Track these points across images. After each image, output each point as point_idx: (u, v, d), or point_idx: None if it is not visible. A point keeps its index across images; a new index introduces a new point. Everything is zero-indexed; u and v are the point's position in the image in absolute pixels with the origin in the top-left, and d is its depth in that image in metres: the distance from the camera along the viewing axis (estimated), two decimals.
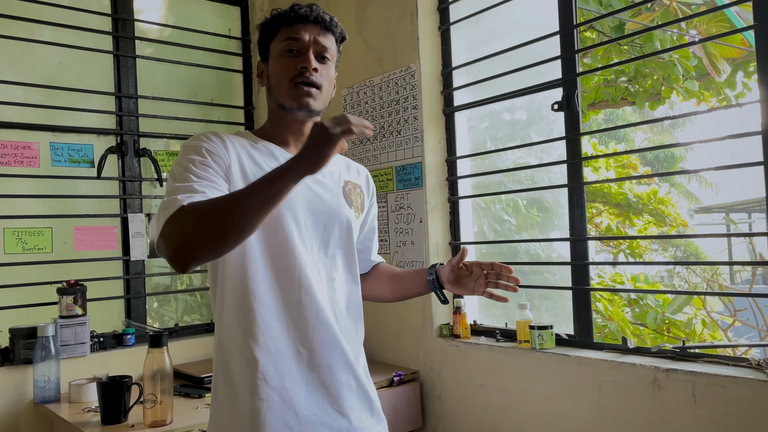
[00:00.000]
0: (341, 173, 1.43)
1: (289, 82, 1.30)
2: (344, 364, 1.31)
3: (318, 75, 1.31)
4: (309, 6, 1.34)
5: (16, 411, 2.27)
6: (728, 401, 1.67)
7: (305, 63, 1.29)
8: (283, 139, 1.37)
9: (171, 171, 1.23)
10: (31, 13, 2.51)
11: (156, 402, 1.89)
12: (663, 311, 4.01)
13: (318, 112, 1.35)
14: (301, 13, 1.32)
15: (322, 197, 1.34)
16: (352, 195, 1.42)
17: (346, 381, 1.31)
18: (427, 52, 2.60)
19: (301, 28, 1.32)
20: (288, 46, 1.31)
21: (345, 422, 1.29)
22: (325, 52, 1.33)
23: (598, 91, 5.12)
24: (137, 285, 2.74)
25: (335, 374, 1.30)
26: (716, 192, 12.26)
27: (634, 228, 5.47)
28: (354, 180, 1.46)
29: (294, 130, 1.36)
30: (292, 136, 1.37)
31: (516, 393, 2.21)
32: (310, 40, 1.31)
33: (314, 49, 1.32)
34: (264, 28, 1.37)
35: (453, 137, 2.62)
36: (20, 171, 2.47)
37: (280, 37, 1.33)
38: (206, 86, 3.05)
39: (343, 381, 1.31)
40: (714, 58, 3.79)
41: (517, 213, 2.85)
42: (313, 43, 1.32)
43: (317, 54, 1.32)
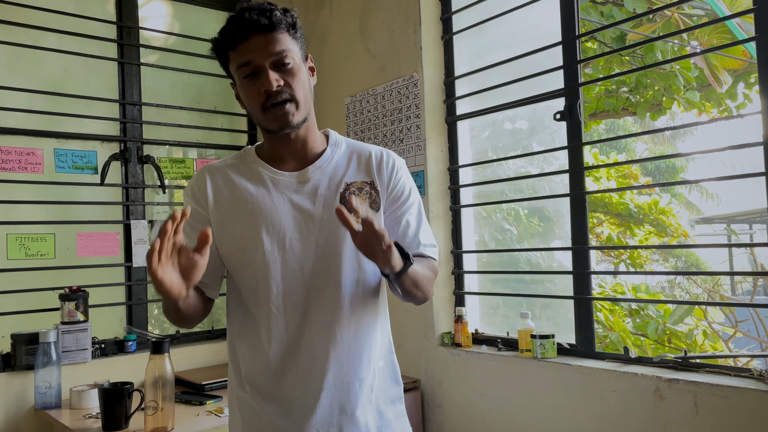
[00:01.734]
0: (344, 176, 1.34)
1: (260, 110, 1.25)
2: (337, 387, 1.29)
3: (286, 88, 1.24)
4: (242, 13, 1.22)
5: (17, 417, 2.27)
6: (730, 411, 1.67)
7: (266, 86, 1.22)
8: (279, 156, 1.34)
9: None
10: (36, 20, 2.53)
11: (157, 409, 1.88)
12: (664, 322, 4.01)
13: (304, 119, 1.29)
14: (238, 33, 1.22)
15: (311, 214, 1.29)
16: (355, 199, 1.33)
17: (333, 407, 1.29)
18: (430, 62, 2.62)
19: (246, 47, 1.22)
20: (244, 73, 1.24)
21: None
22: (282, 57, 1.23)
23: (599, 101, 5.13)
24: (139, 292, 2.74)
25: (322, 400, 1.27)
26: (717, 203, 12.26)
27: (635, 238, 5.47)
28: (361, 179, 1.35)
29: (286, 144, 1.32)
30: (286, 150, 1.33)
31: (517, 402, 2.21)
32: (261, 55, 1.22)
33: (270, 62, 1.23)
34: (216, 54, 1.31)
35: (455, 146, 2.63)
36: (24, 177, 2.47)
37: (233, 63, 1.27)
38: (209, 94, 3.07)
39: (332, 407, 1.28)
40: (715, 69, 3.80)
41: (519, 222, 2.86)
42: (264, 57, 1.22)
43: (275, 64, 1.23)
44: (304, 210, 1.30)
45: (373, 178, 1.35)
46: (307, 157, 1.34)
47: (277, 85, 1.22)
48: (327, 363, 1.27)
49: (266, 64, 1.22)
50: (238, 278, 1.32)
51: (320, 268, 1.28)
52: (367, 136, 2.83)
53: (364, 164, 1.37)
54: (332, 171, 1.34)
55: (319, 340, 1.27)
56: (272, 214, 1.28)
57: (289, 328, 1.27)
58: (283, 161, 1.34)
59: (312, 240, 1.28)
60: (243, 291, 1.31)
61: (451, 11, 2.63)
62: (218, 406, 2.16)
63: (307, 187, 1.31)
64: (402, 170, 1.40)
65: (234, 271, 1.32)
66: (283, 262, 1.27)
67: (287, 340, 1.27)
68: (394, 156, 1.41)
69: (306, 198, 1.30)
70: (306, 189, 1.31)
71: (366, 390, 1.31)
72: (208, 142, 3.01)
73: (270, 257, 1.27)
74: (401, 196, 1.38)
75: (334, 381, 1.28)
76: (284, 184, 1.31)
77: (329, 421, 1.28)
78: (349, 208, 1.28)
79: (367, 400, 1.32)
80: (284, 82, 1.23)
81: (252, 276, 1.29)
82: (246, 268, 1.29)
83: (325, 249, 1.28)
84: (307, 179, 1.31)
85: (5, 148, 2.43)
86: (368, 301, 1.33)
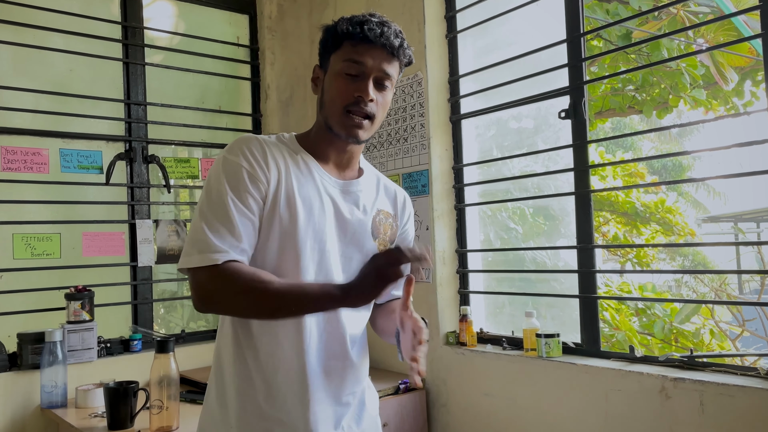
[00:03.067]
0: (375, 202, 1.37)
1: (342, 108, 1.24)
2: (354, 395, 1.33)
3: (373, 105, 1.24)
4: (381, 25, 1.24)
5: (23, 416, 2.28)
6: (736, 411, 1.66)
7: (362, 93, 1.23)
8: (325, 155, 1.32)
9: (208, 183, 1.22)
10: (41, 20, 2.54)
11: (162, 407, 1.89)
12: (671, 321, 3.99)
13: (365, 141, 1.31)
14: (369, 36, 1.22)
15: (345, 226, 1.30)
16: (381, 226, 1.37)
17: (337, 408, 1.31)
18: (435, 60, 2.61)
19: (366, 51, 1.23)
20: (349, 69, 1.23)
21: None
22: (387, 80, 1.26)
23: (605, 99, 5.11)
24: (144, 291, 2.75)
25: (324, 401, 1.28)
26: (724, 201, 12.20)
27: (642, 237, 5.45)
28: (387, 209, 1.40)
29: (339, 151, 1.32)
30: (334, 154, 1.32)
31: (522, 402, 2.20)
32: (373, 66, 1.23)
33: (375, 76, 1.24)
34: (328, 35, 1.28)
35: (460, 145, 2.62)
36: (30, 177, 2.48)
37: (342, 54, 1.24)
38: (214, 93, 3.07)
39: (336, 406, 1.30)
40: (721, 67, 3.78)
41: (524, 221, 2.85)
42: (375, 69, 1.23)
43: (377, 81, 1.25)
44: (343, 219, 1.30)
45: (396, 213, 1.43)
46: (347, 171, 1.36)
47: (371, 98, 1.23)
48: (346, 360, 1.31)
49: (372, 75, 1.24)
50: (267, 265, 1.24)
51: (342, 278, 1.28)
52: (371, 135, 2.82)
53: (391, 198, 1.43)
54: (367, 192, 1.37)
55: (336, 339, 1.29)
56: (319, 214, 1.26)
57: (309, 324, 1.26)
58: (327, 162, 1.33)
59: (341, 250, 1.30)
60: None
61: (455, 9, 2.63)
62: None
63: (349, 199, 1.32)
64: (412, 216, 1.51)
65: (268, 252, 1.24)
66: (320, 263, 1.26)
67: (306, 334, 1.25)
68: (410, 200, 1.51)
69: (346, 208, 1.31)
70: (347, 200, 1.32)
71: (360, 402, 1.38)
72: (212, 141, 3.01)
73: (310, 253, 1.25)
74: (407, 240, 1.48)
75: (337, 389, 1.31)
76: (330, 188, 1.30)
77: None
78: (376, 233, 1.35)
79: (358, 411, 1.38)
80: (375, 100, 1.25)
81: (284, 265, 1.24)
82: (280, 257, 1.24)
83: (348, 264, 1.31)
84: (349, 191, 1.33)
85: (11, 148, 2.44)
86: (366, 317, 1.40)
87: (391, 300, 1.46)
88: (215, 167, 1.23)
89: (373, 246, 1.33)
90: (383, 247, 1.35)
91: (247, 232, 1.18)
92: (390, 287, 1.10)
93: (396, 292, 1.44)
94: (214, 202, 1.19)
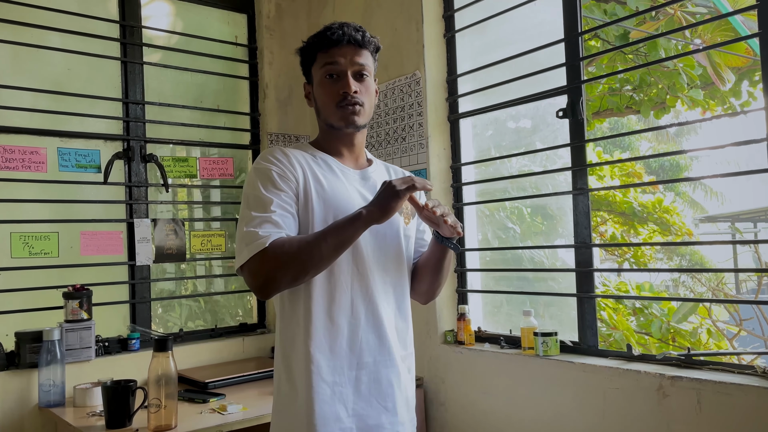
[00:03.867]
0: None
1: (334, 107, 1.43)
2: (390, 363, 1.43)
3: (359, 95, 1.42)
4: (341, 27, 1.43)
5: (21, 415, 2.28)
6: (734, 409, 1.66)
7: (345, 88, 1.41)
8: (337, 150, 1.50)
9: (245, 194, 1.39)
10: (40, 19, 2.54)
11: (160, 406, 1.89)
12: (668, 320, 4.00)
13: (365, 125, 1.48)
14: (334, 39, 1.42)
15: None
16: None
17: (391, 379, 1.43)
18: (433, 60, 2.62)
19: (337, 52, 1.42)
20: (327, 72, 1.43)
21: (388, 417, 1.42)
22: (363, 69, 1.44)
23: (602, 99, 5.12)
24: (142, 290, 2.75)
25: (381, 372, 1.42)
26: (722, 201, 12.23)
27: (639, 237, 5.46)
28: None
29: (346, 143, 1.50)
30: (344, 147, 1.50)
31: (520, 400, 2.21)
32: (347, 62, 1.42)
33: (352, 71, 1.42)
34: (302, 54, 1.49)
35: (458, 144, 2.63)
36: (28, 176, 2.48)
37: (319, 63, 1.45)
38: (212, 93, 3.07)
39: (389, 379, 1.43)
40: (718, 67, 3.79)
41: (522, 221, 2.85)
42: (349, 64, 1.42)
43: (355, 74, 1.43)
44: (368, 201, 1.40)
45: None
46: (359, 160, 1.54)
47: (354, 90, 1.41)
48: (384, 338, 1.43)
49: (349, 72, 1.42)
50: None
51: (377, 256, 1.44)
52: (370, 134, 2.83)
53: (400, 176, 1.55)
54: (381, 176, 1.54)
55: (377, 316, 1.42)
56: (348, 200, 1.41)
57: (354, 303, 1.40)
58: (341, 155, 1.50)
59: (374, 230, 1.39)
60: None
61: (453, 9, 2.63)
62: (221, 403, 2.16)
63: (369, 184, 1.50)
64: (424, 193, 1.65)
65: None
66: (354, 244, 1.37)
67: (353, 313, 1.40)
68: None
69: (369, 192, 1.46)
70: (367, 186, 1.49)
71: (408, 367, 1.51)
72: (210, 140, 3.01)
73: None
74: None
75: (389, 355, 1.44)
76: (351, 177, 1.48)
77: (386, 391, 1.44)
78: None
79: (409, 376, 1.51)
80: (359, 90, 1.43)
81: None
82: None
83: (383, 240, 1.46)
84: (367, 177, 1.51)
85: (9, 147, 2.44)
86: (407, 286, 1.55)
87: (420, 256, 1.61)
88: (248, 178, 1.41)
89: (398, 219, 1.48)
90: (407, 220, 1.53)
91: (288, 223, 1.34)
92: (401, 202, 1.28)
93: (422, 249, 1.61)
94: (252, 204, 1.35)
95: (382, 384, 1.42)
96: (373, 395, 1.42)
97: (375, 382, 1.42)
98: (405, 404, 1.48)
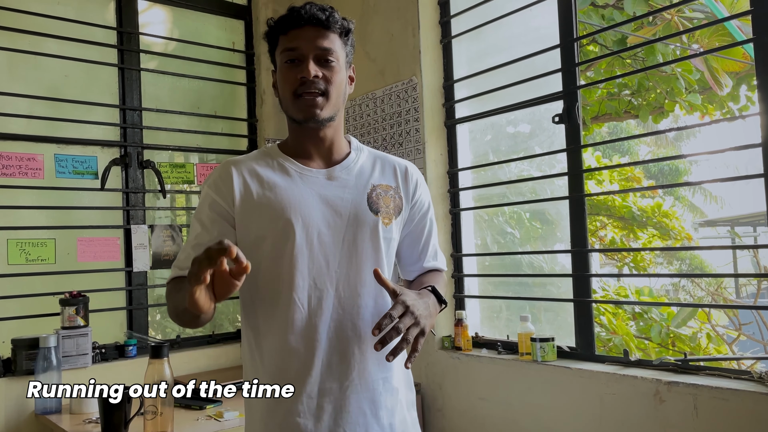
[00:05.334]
0: (370, 179, 1.36)
1: (292, 95, 1.27)
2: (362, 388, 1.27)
3: (321, 81, 1.26)
4: (303, 6, 1.26)
5: (18, 422, 2.27)
6: (730, 414, 1.66)
7: (304, 73, 1.24)
8: (305, 151, 1.34)
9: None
10: (37, 26, 2.55)
11: (156, 413, 1.88)
12: (667, 325, 3.99)
13: (329, 118, 1.30)
14: (295, 19, 1.26)
15: (339, 210, 1.30)
16: (381, 200, 1.34)
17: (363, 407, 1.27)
18: (429, 65, 2.62)
19: (297, 35, 1.26)
20: (288, 57, 1.27)
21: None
22: (328, 54, 1.27)
23: (601, 104, 5.13)
24: (139, 296, 2.74)
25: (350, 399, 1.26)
26: (721, 205, 12.23)
27: (639, 241, 5.45)
28: (386, 182, 1.38)
29: (313, 140, 1.34)
30: (312, 146, 1.34)
31: (517, 406, 2.20)
32: (307, 46, 1.25)
33: (314, 54, 1.26)
34: (267, 39, 1.34)
35: (454, 149, 2.63)
36: (24, 182, 2.48)
37: (280, 47, 1.29)
38: (210, 99, 3.08)
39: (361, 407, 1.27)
40: (716, 72, 3.79)
41: (521, 225, 2.85)
42: (311, 48, 1.25)
43: (319, 58, 1.26)
44: (332, 206, 1.30)
45: (398, 185, 1.40)
46: (332, 158, 1.36)
47: (314, 74, 1.25)
48: (352, 360, 1.26)
49: (310, 55, 1.26)
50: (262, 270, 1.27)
51: (346, 265, 1.28)
52: (366, 140, 2.83)
53: (389, 171, 1.41)
54: (358, 172, 1.36)
55: (343, 335, 1.26)
56: (301, 207, 1.27)
57: (311, 321, 1.25)
58: (308, 158, 1.35)
59: (339, 237, 1.28)
60: (262, 284, 1.28)
61: (449, 15, 2.64)
62: (218, 410, 2.16)
63: (335, 184, 1.32)
64: (424, 184, 1.47)
65: (257, 263, 1.26)
66: (310, 257, 1.26)
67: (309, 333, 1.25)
68: (417, 169, 1.48)
69: (334, 195, 1.31)
70: (334, 186, 1.32)
71: (390, 390, 1.31)
72: (208, 146, 3.02)
73: (299, 250, 1.25)
74: (422, 209, 1.45)
75: (359, 378, 1.27)
76: (312, 180, 1.32)
77: (356, 420, 1.26)
78: (376, 207, 1.33)
79: (392, 400, 1.31)
80: (322, 75, 1.26)
81: (276, 267, 1.26)
82: (272, 260, 1.27)
83: (352, 246, 1.29)
84: (334, 177, 1.33)
85: (6, 153, 2.44)
86: (388, 301, 1.31)
87: (423, 274, 1.49)
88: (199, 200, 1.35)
89: (375, 219, 1.31)
90: (387, 220, 1.34)
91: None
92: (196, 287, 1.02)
93: (430, 264, 1.48)
94: (191, 227, 1.32)
95: (351, 413, 1.25)
96: (340, 427, 1.24)
97: (342, 411, 1.25)
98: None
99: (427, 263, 1.48)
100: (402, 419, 1.33)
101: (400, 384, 1.34)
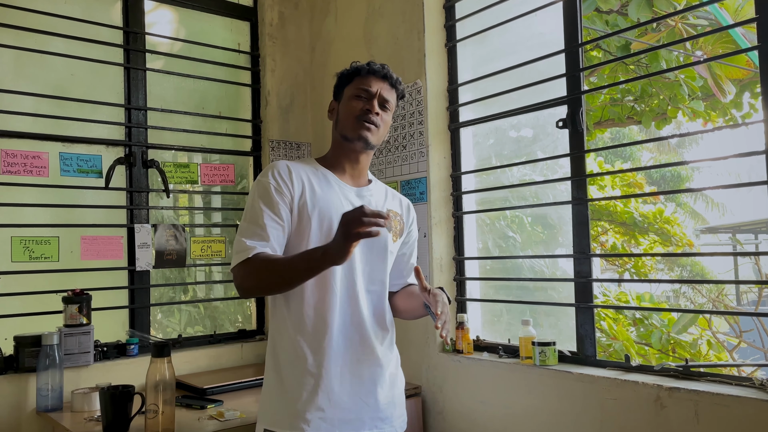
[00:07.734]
0: (385, 203, 1.76)
1: (354, 119, 1.65)
2: (373, 362, 1.63)
3: (378, 118, 1.65)
4: (382, 65, 1.71)
5: (19, 419, 2.28)
6: (731, 420, 1.66)
7: (370, 107, 1.65)
8: (341, 166, 1.71)
9: (246, 204, 1.62)
10: (44, 25, 2.56)
11: (158, 412, 1.89)
12: (668, 331, 3.99)
13: (373, 146, 1.69)
14: (375, 69, 1.68)
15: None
16: (392, 221, 1.73)
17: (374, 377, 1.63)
18: (434, 69, 2.63)
19: (372, 81, 1.67)
20: (359, 93, 1.67)
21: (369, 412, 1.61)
22: (387, 103, 1.69)
23: (604, 109, 5.14)
24: (142, 295, 2.75)
25: (363, 370, 1.62)
26: (723, 212, 12.23)
27: (640, 247, 5.46)
28: (395, 208, 1.79)
29: (351, 159, 1.70)
30: (348, 164, 1.71)
31: (518, 410, 2.20)
32: (377, 91, 1.66)
33: (379, 99, 1.67)
34: (342, 75, 1.73)
35: (458, 153, 2.64)
36: (29, 180, 2.49)
37: (354, 85, 1.69)
38: (214, 99, 3.08)
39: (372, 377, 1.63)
40: (719, 79, 3.80)
41: (522, 230, 2.86)
42: (379, 94, 1.67)
43: (380, 103, 1.67)
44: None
45: (402, 213, 1.83)
46: (359, 180, 1.74)
47: (376, 111, 1.65)
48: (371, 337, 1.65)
49: (376, 98, 1.67)
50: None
51: (368, 266, 1.67)
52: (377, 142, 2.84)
53: (396, 201, 1.83)
54: (378, 196, 1.76)
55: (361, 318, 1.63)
56: (339, 212, 1.51)
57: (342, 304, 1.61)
58: (343, 173, 1.71)
59: (365, 243, 1.60)
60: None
61: (455, 19, 2.64)
62: (219, 410, 2.16)
63: (363, 201, 1.69)
64: (415, 220, 1.89)
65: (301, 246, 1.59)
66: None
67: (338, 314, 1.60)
68: (413, 207, 1.91)
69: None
70: (362, 202, 1.67)
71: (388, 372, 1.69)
72: (212, 147, 3.02)
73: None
74: (413, 237, 1.88)
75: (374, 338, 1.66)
76: (347, 191, 1.68)
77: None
78: (388, 226, 1.71)
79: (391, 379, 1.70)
80: (379, 114, 1.66)
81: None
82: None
83: (372, 251, 1.68)
84: (362, 195, 1.71)
85: (11, 151, 2.45)
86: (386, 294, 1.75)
87: (406, 287, 1.86)
88: (250, 190, 1.64)
89: (387, 234, 1.69)
90: (394, 237, 1.74)
91: (275, 234, 1.55)
92: (355, 243, 1.35)
93: (410, 280, 1.87)
94: (248, 215, 1.58)
95: (364, 381, 1.61)
96: (356, 391, 1.59)
97: (357, 378, 1.60)
98: (389, 402, 1.66)
99: (409, 279, 1.88)
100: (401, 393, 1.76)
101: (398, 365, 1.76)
